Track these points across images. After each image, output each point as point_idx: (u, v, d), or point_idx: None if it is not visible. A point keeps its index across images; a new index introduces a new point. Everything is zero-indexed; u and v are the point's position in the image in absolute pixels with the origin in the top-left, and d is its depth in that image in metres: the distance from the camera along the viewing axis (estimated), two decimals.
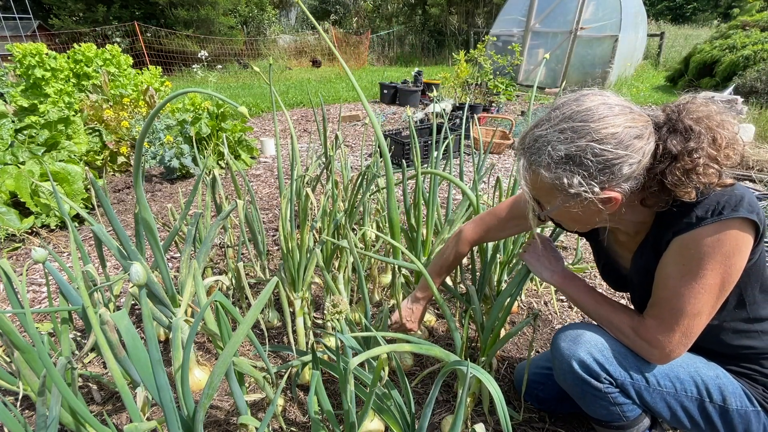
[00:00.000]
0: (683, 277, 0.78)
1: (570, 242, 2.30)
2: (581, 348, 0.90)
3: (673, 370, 0.89)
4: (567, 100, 0.78)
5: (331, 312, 0.75)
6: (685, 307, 0.79)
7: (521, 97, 7.04)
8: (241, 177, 3.42)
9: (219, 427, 1.23)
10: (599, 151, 0.72)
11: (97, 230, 1.13)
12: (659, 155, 0.75)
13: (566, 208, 0.81)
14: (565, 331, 0.96)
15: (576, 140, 0.73)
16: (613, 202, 0.76)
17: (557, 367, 0.96)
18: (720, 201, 0.74)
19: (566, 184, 0.75)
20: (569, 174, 0.74)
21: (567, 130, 0.74)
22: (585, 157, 0.73)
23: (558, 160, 0.75)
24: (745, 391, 0.88)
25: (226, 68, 11.86)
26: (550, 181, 0.77)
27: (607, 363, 0.88)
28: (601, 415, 0.96)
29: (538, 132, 0.78)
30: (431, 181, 1.61)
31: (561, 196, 0.79)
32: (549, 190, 0.80)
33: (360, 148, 3.35)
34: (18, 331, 0.97)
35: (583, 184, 0.74)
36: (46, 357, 0.76)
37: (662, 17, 19.86)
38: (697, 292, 0.77)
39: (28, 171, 2.46)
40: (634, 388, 0.89)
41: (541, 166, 0.77)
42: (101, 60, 4.35)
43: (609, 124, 0.72)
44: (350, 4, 20.81)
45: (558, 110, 0.78)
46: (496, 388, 0.67)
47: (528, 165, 0.80)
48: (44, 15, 14.18)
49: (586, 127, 0.73)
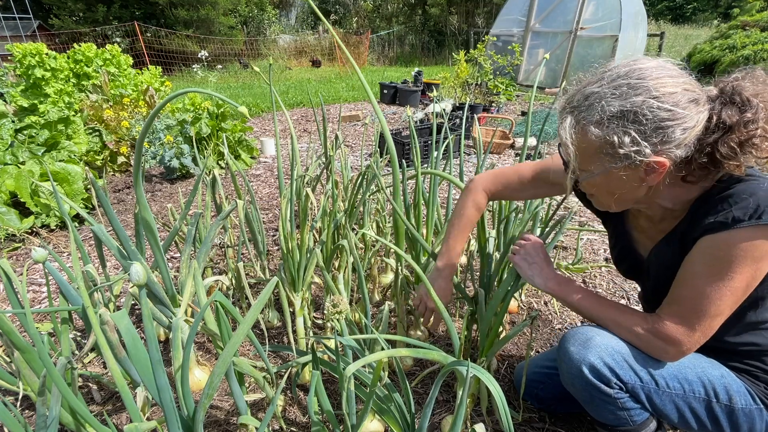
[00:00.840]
0: (710, 277, 0.76)
1: (570, 242, 2.30)
2: (591, 352, 0.88)
3: (681, 372, 0.88)
4: (620, 63, 0.76)
5: (331, 312, 0.74)
6: (709, 308, 0.78)
7: (521, 97, 7.04)
8: (241, 177, 3.41)
9: (219, 427, 1.23)
10: (655, 110, 0.69)
11: (97, 230, 1.13)
12: (712, 126, 0.72)
13: (607, 176, 0.78)
14: (573, 335, 0.93)
15: (632, 96, 0.71)
16: (659, 171, 0.73)
17: (565, 371, 0.93)
18: (760, 203, 0.71)
19: (617, 143, 0.72)
20: (621, 131, 0.71)
21: (623, 86, 0.72)
22: (641, 113, 0.70)
23: (611, 116, 0.72)
24: (747, 389, 0.87)
25: (226, 68, 11.86)
26: (598, 140, 0.74)
27: (617, 367, 0.86)
28: (608, 419, 0.95)
29: (590, 89, 0.75)
30: (431, 181, 1.61)
31: (607, 159, 0.75)
32: (595, 152, 0.76)
33: (360, 148, 3.35)
34: (18, 331, 0.97)
35: (634, 143, 0.71)
36: (46, 357, 0.76)
37: (662, 17, 19.87)
38: (723, 293, 0.76)
39: (28, 171, 2.46)
40: (644, 391, 0.88)
41: (592, 122, 0.74)
42: (101, 60, 4.35)
43: (667, 84, 0.70)
44: (350, 4, 20.81)
45: (611, 70, 0.75)
46: (496, 388, 0.67)
47: (575, 123, 0.76)
48: (44, 15, 14.19)
49: (644, 84, 0.70)
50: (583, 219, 2.62)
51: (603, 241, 2.33)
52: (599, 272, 2.03)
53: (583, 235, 2.39)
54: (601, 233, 2.41)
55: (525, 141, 1.45)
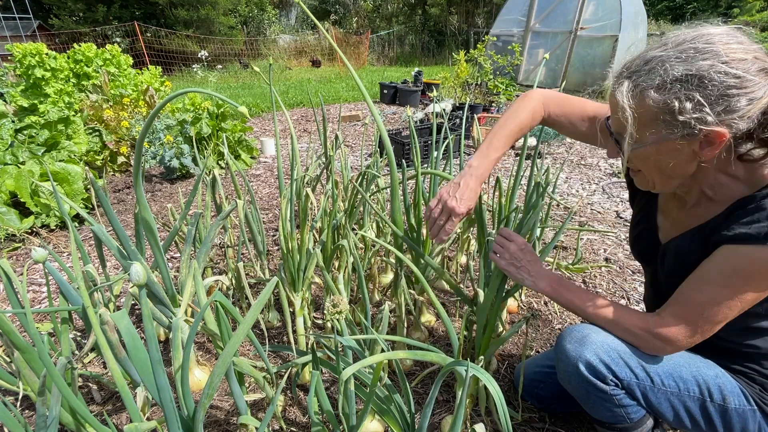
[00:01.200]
0: (725, 288, 0.76)
1: (570, 242, 2.30)
2: (588, 349, 0.88)
3: (676, 370, 0.88)
4: (684, 30, 0.73)
5: (331, 312, 0.74)
6: (716, 316, 0.78)
7: None
8: (241, 177, 3.42)
9: (219, 427, 1.23)
10: (723, 75, 0.65)
11: (97, 230, 1.13)
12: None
13: (660, 147, 0.74)
14: (569, 333, 0.94)
15: (698, 60, 0.67)
16: (716, 144, 0.70)
17: (562, 369, 0.94)
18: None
19: (677, 109, 0.68)
20: (683, 96, 0.67)
21: (689, 50, 0.68)
22: (707, 78, 0.66)
23: (674, 80, 0.68)
24: (742, 389, 0.88)
25: (226, 68, 11.86)
26: (657, 106, 0.70)
27: (613, 364, 0.87)
28: (605, 417, 0.95)
29: (652, 54, 0.72)
30: (431, 181, 1.61)
31: (663, 128, 0.71)
32: (651, 120, 0.72)
33: (360, 148, 3.35)
34: (18, 331, 0.97)
35: (696, 110, 0.67)
36: (46, 357, 0.76)
37: (662, 17, 19.85)
38: (733, 304, 0.76)
39: (28, 171, 2.46)
40: (640, 388, 0.88)
41: (652, 87, 0.70)
42: (101, 60, 4.35)
43: (737, 50, 0.66)
44: (350, 4, 20.81)
45: (676, 36, 0.72)
46: (496, 388, 0.67)
47: (633, 87, 0.72)
48: (44, 15, 14.20)
49: (713, 48, 0.67)
50: (583, 219, 2.62)
51: (603, 241, 2.33)
52: (599, 272, 2.03)
53: (583, 235, 2.39)
54: (601, 233, 2.41)
55: (525, 141, 1.45)
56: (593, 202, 2.87)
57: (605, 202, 2.85)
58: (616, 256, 2.17)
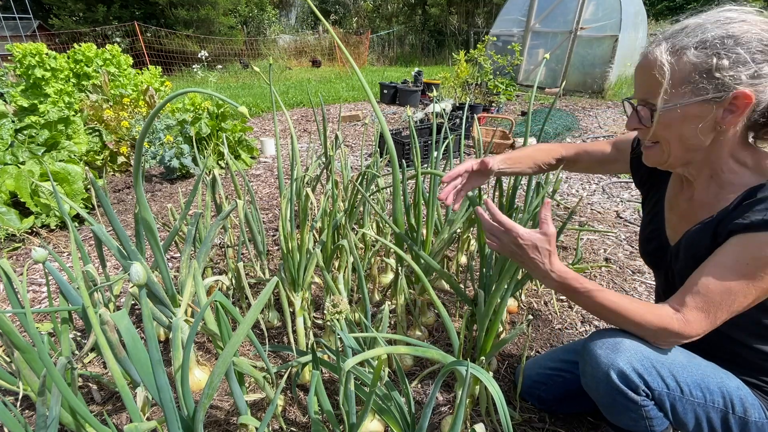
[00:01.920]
0: (742, 276, 0.75)
1: (570, 242, 2.30)
2: (621, 357, 0.84)
3: (703, 381, 0.85)
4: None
5: (331, 312, 0.75)
6: (732, 305, 0.77)
7: (521, 97, 7.04)
8: (241, 177, 3.42)
9: (219, 427, 1.23)
10: (756, 40, 0.70)
11: (97, 230, 1.13)
12: None
13: (686, 111, 0.76)
14: (599, 337, 0.89)
15: (733, 25, 0.72)
16: (740, 110, 0.73)
17: (589, 374, 0.89)
18: None
19: (714, 65, 0.71)
20: (723, 53, 0.71)
21: (722, 18, 0.73)
22: (743, 39, 0.71)
23: (713, 38, 0.72)
24: (760, 403, 0.86)
25: (226, 68, 11.86)
26: (694, 63, 0.73)
27: (646, 374, 0.83)
28: (627, 425, 0.92)
29: (687, 21, 0.77)
30: (431, 181, 1.61)
31: (695, 86, 0.74)
32: (683, 79, 0.75)
33: (360, 148, 3.35)
34: (18, 331, 0.97)
35: (732, 68, 0.71)
36: (46, 357, 0.76)
37: (662, 17, 19.84)
38: (748, 292, 0.76)
39: (28, 171, 2.46)
40: (669, 399, 0.85)
41: (691, 45, 0.73)
42: (101, 60, 4.35)
43: (766, 22, 0.72)
44: (350, 4, 20.83)
45: (702, 14, 0.77)
46: (495, 388, 0.67)
47: (671, 46, 0.75)
48: (44, 15, 14.20)
49: (745, 17, 0.72)
50: (583, 219, 2.62)
51: (603, 241, 2.33)
52: (599, 272, 2.03)
53: (583, 235, 2.39)
54: (601, 233, 2.41)
55: (525, 141, 1.45)
56: (593, 202, 2.87)
57: (605, 202, 2.85)
58: (616, 256, 2.17)
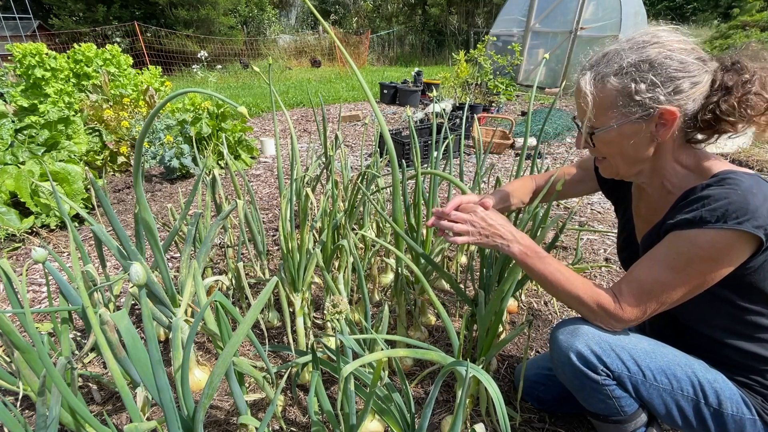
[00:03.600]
0: (670, 269, 0.81)
1: (570, 242, 2.30)
2: (579, 340, 0.90)
3: (670, 368, 0.89)
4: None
5: (331, 312, 0.75)
6: (661, 296, 0.83)
7: (521, 97, 7.04)
8: (241, 177, 3.42)
9: (219, 427, 1.23)
10: (668, 60, 0.77)
11: (97, 230, 1.13)
12: (715, 87, 0.80)
13: (621, 130, 0.83)
14: (563, 325, 0.96)
15: (648, 48, 0.79)
16: (669, 123, 0.79)
17: (555, 359, 0.96)
18: (729, 207, 0.74)
19: (633, 90, 0.79)
20: (638, 78, 0.78)
21: (639, 42, 0.80)
22: (656, 62, 0.77)
23: (628, 65, 0.79)
24: (743, 398, 0.88)
25: (226, 68, 11.86)
26: (616, 90, 0.80)
27: (604, 355, 0.89)
28: (599, 408, 0.97)
29: (608, 49, 0.84)
30: (431, 181, 1.61)
31: (622, 110, 0.81)
32: (611, 104, 0.82)
33: (360, 148, 3.35)
34: (18, 331, 0.97)
35: (650, 90, 0.78)
36: (46, 357, 0.76)
37: (662, 17, 19.85)
38: (675, 284, 0.81)
39: (28, 171, 2.46)
40: (631, 381, 0.90)
41: (611, 73, 0.81)
42: (101, 60, 4.35)
43: (678, 41, 0.79)
44: (350, 4, 20.82)
45: (623, 38, 0.84)
46: (494, 389, 0.67)
47: (594, 76, 0.83)
48: (44, 15, 14.20)
49: (658, 40, 0.79)
50: (583, 219, 2.62)
51: (603, 241, 2.33)
52: (599, 272, 2.03)
53: (583, 235, 2.39)
54: (601, 233, 2.41)
55: (525, 141, 1.45)
56: (593, 202, 2.87)
57: (605, 202, 2.85)
58: (616, 256, 2.17)
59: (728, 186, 0.77)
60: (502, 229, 0.96)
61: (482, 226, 0.97)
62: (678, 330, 0.98)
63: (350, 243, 1.31)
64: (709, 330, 0.91)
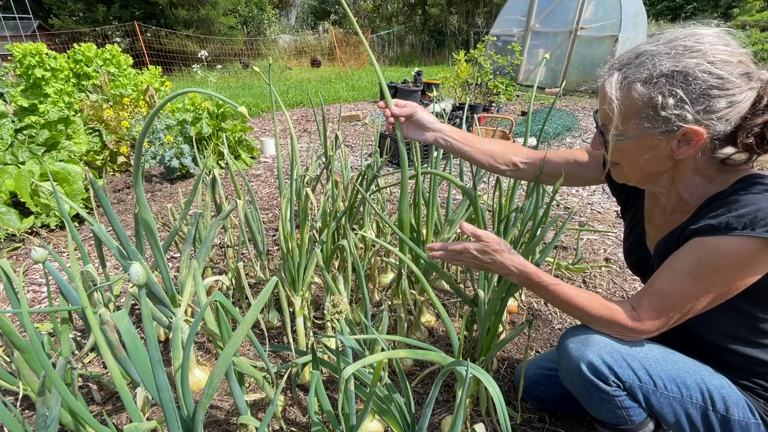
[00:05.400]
0: (693, 279, 0.77)
1: (570, 242, 2.30)
2: (590, 350, 0.87)
3: (680, 376, 0.88)
4: (678, 28, 0.75)
5: (331, 312, 0.74)
6: (684, 306, 0.79)
7: (521, 97, 7.04)
8: (241, 177, 3.42)
9: (219, 427, 1.23)
10: (707, 75, 0.68)
11: (97, 230, 1.13)
12: (761, 106, 0.71)
13: (639, 141, 0.76)
14: (572, 333, 0.93)
15: (686, 57, 0.69)
16: (693, 143, 0.72)
17: (564, 368, 0.94)
18: (759, 214, 0.70)
19: (660, 104, 0.70)
20: (667, 92, 0.70)
21: (678, 47, 0.70)
22: (691, 76, 0.68)
23: (660, 75, 0.70)
24: (747, 402, 0.87)
25: (226, 68, 11.86)
26: (641, 100, 0.72)
27: (616, 366, 0.87)
28: (606, 417, 0.95)
29: (643, 48, 0.74)
30: (431, 181, 1.61)
31: (645, 122, 0.74)
32: (635, 112, 0.74)
33: (360, 148, 3.35)
34: (18, 331, 0.97)
35: (678, 107, 0.69)
36: (45, 357, 0.76)
37: (662, 17, 19.85)
38: (699, 294, 0.77)
39: (28, 171, 2.46)
40: (642, 391, 0.88)
41: (639, 80, 0.72)
42: (101, 60, 4.35)
43: (723, 52, 0.69)
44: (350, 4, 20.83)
45: (669, 33, 0.74)
46: (495, 389, 0.67)
47: (622, 79, 0.75)
48: (44, 15, 14.20)
49: (700, 48, 0.69)
50: (583, 219, 2.62)
51: (603, 241, 2.33)
52: (599, 272, 2.03)
53: (583, 235, 2.39)
54: (601, 233, 2.41)
55: (525, 141, 1.45)
56: (593, 202, 2.87)
57: (605, 202, 2.85)
58: (616, 256, 2.17)
59: (756, 191, 0.73)
60: (486, 257, 0.93)
61: (475, 263, 0.96)
62: (681, 334, 0.96)
63: (350, 243, 1.31)
64: (714, 335, 0.90)
